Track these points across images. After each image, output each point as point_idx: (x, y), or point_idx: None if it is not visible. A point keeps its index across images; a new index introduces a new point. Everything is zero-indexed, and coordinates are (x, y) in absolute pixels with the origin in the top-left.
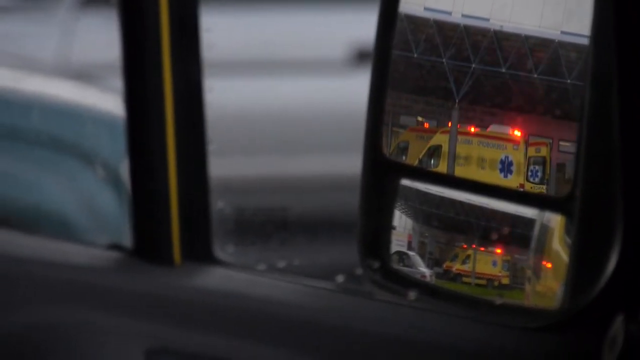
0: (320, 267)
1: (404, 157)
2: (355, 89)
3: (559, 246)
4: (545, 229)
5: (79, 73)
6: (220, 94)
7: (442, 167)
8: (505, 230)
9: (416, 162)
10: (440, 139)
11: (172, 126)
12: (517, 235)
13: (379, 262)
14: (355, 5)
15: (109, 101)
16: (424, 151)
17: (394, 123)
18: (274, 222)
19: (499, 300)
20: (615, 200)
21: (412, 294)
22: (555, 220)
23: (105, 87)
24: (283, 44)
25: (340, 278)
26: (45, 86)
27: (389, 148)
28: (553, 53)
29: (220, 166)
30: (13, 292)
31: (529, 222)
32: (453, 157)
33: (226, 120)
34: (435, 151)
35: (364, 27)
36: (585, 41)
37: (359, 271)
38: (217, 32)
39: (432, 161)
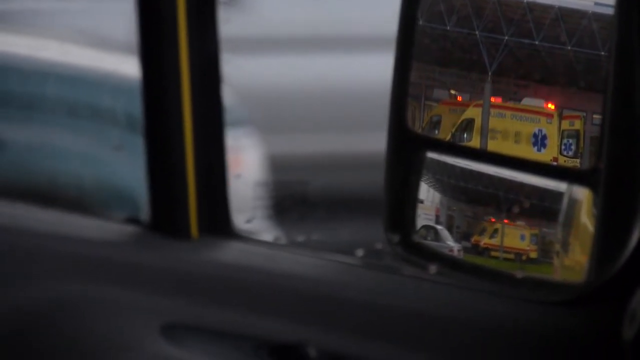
0: (339, 242)
1: (436, 131)
2: None
3: (587, 219)
4: (574, 202)
5: None
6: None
7: (474, 141)
8: (534, 203)
9: (449, 136)
10: (473, 112)
11: (189, 99)
12: (546, 208)
13: (402, 235)
14: None
15: None
16: (456, 125)
17: (427, 96)
18: (293, 197)
19: (520, 274)
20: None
21: (432, 268)
22: (583, 193)
23: None
24: (355, 20)
25: (359, 252)
26: (119, 65)
27: (421, 122)
28: (587, 24)
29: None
30: (30, 266)
31: (557, 195)
32: (486, 131)
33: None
34: (468, 125)
35: None
36: None
37: (379, 246)
38: (299, 8)
39: (465, 135)
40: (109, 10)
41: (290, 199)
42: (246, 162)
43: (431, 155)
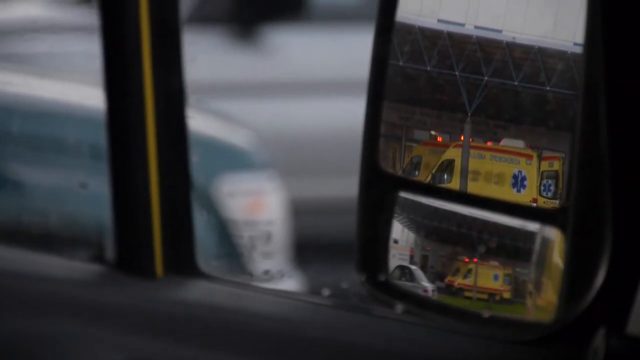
0: (305, 282)
1: (417, 172)
2: None
3: (559, 259)
4: (546, 242)
5: None
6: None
7: (454, 182)
8: (507, 243)
9: (429, 177)
10: (453, 153)
11: (154, 136)
12: (519, 248)
13: (372, 274)
14: None
15: (200, 122)
16: (436, 166)
17: (407, 137)
18: (260, 236)
19: (487, 313)
20: (606, 213)
21: (399, 307)
22: (555, 233)
23: (198, 108)
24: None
25: (325, 291)
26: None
27: (402, 163)
28: (566, 65)
29: None
30: None
31: (531, 235)
32: (465, 172)
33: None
34: (448, 166)
35: None
36: None
37: (345, 285)
38: (321, 52)
39: (445, 176)
40: None
41: (257, 239)
42: (267, 206)
43: (405, 195)
